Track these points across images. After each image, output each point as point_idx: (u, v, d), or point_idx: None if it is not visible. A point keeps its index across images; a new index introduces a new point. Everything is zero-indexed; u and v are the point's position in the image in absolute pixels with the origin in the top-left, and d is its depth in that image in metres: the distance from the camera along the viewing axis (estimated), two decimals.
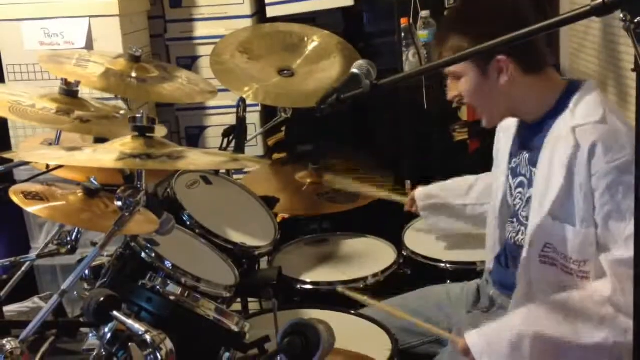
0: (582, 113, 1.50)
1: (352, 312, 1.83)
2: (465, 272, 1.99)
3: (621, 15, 0.95)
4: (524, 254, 1.56)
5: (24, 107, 1.65)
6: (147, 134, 1.35)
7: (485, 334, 1.47)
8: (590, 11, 0.98)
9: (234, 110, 2.27)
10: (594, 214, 1.44)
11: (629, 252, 1.36)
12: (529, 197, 1.59)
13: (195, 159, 1.41)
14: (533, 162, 1.58)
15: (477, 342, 1.46)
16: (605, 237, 1.44)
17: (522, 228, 1.61)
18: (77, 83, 1.78)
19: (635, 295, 1.02)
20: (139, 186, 1.34)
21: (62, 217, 1.48)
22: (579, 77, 1.61)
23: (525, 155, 1.63)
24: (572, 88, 1.56)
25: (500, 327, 1.49)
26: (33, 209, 1.39)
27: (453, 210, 2.06)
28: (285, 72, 2.33)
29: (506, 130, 1.73)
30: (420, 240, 2.21)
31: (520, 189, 1.65)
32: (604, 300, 1.41)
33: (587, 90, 1.54)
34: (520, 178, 1.65)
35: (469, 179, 2.07)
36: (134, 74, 1.97)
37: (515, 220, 1.66)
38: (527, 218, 1.59)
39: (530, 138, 1.61)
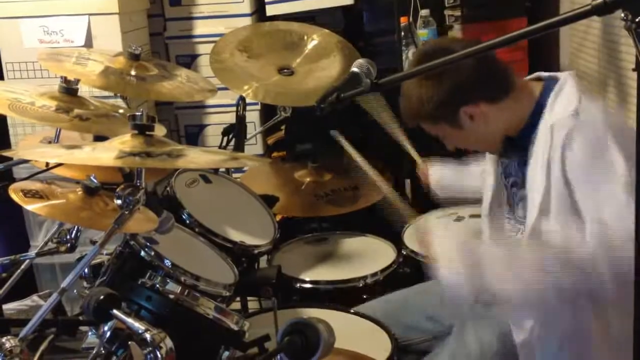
0: (559, 108, 1.51)
1: (352, 311, 1.83)
2: None
3: (622, 15, 0.95)
4: None
5: (23, 105, 1.65)
6: (147, 132, 1.35)
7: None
8: (591, 10, 0.98)
9: (234, 108, 2.27)
10: (578, 205, 1.43)
11: (598, 215, 1.37)
12: (523, 197, 1.59)
13: (194, 158, 1.41)
14: (523, 164, 1.58)
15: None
16: (589, 212, 1.41)
17: (521, 227, 1.62)
18: (77, 81, 1.78)
19: (635, 297, 1.02)
20: (138, 184, 1.33)
21: (61, 215, 1.48)
22: (554, 75, 1.60)
23: (515, 158, 1.63)
24: (547, 87, 1.55)
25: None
26: (32, 207, 1.39)
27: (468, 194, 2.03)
28: (285, 70, 2.33)
29: None
30: None
31: (514, 189, 1.66)
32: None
33: (563, 83, 1.54)
34: (513, 178, 1.66)
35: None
36: (133, 72, 1.97)
37: (512, 218, 1.67)
38: (523, 217, 1.60)
39: (517, 141, 1.61)
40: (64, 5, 2.49)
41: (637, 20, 0.93)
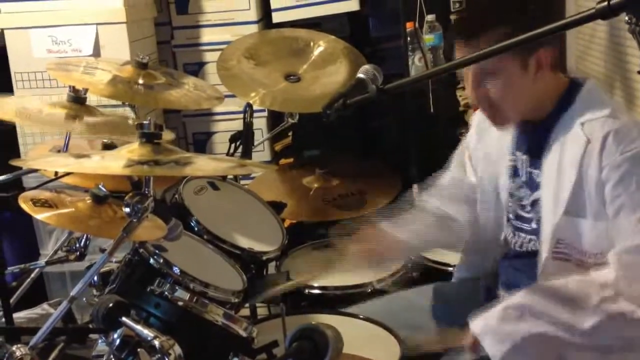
0: (589, 109, 1.49)
1: (361, 316, 1.82)
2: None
3: (626, 18, 0.95)
4: (540, 256, 1.54)
5: (33, 113, 1.66)
6: (155, 141, 1.36)
7: (485, 317, 1.44)
8: (595, 14, 0.98)
9: (241, 115, 2.27)
10: (605, 207, 1.42)
11: (636, 241, 1.37)
12: (535, 200, 1.57)
13: (202, 165, 1.41)
14: (535, 165, 1.56)
15: (478, 324, 1.44)
16: (615, 229, 1.41)
17: (533, 235, 1.59)
18: (85, 90, 1.79)
19: None
20: (146, 192, 1.34)
21: (70, 224, 1.49)
22: (581, 75, 1.59)
23: (523, 157, 1.61)
24: (574, 86, 1.54)
25: (498, 309, 1.45)
26: (42, 216, 1.40)
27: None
28: (292, 77, 2.34)
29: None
30: None
31: (522, 190, 1.62)
32: (606, 284, 1.39)
33: (591, 88, 1.53)
34: (519, 178, 1.63)
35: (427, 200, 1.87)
36: (141, 81, 1.98)
37: (521, 223, 1.64)
38: (535, 221, 1.58)
39: (529, 138, 1.59)
40: (72, 15, 2.51)
41: None
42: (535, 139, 1.57)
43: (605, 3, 0.96)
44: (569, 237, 1.49)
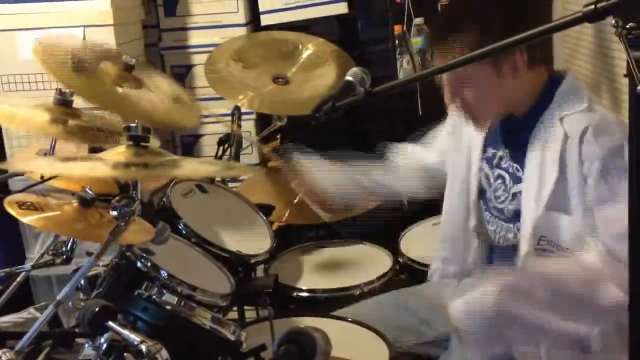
0: (568, 103, 1.50)
1: (349, 319, 1.82)
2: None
3: (613, 21, 0.95)
4: (520, 251, 1.55)
5: (18, 115, 1.65)
6: (142, 144, 1.35)
7: (465, 298, 1.44)
8: (582, 17, 0.98)
9: (229, 118, 2.27)
10: (587, 200, 1.43)
11: (623, 228, 1.36)
12: (516, 193, 1.57)
13: (190, 168, 1.41)
14: (518, 159, 1.57)
15: (459, 304, 1.44)
16: (598, 220, 1.42)
17: (512, 226, 1.60)
18: (72, 93, 1.78)
19: (630, 288, 1.02)
20: (133, 196, 1.33)
21: (56, 227, 1.48)
22: (559, 70, 1.59)
23: (506, 151, 1.61)
24: (554, 80, 1.55)
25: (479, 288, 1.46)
26: (27, 219, 1.39)
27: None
28: (280, 80, 2.33)
29: None
30: (417, 246, 2.21)
31: (500, 181, 1.63)
32: (590, 268, 1.39)
33: (571, 81, 1.54)
34: (499, 171, 1.63)
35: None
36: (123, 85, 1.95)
37: (501, 214, 1.63)
38: (515, 213, 1.57)
39: (510, 132, 1.59)
40: (59, 17, 2.50)
41: (627, 26, 0.94)
42: (516, 134, 1.58)
43: (592, 6, 0.96)
44: (550, 233, 1.49)
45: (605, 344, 1.44)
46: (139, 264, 1.47)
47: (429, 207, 2.16)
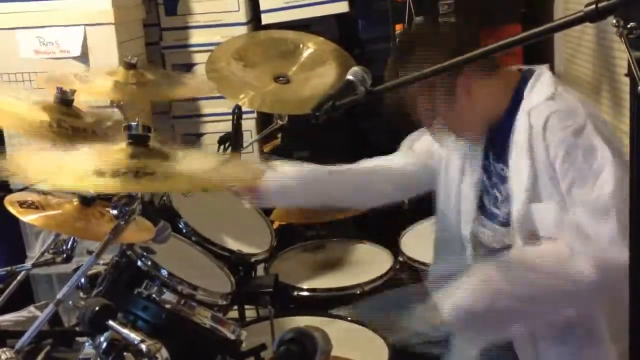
0: (535, 95, 1.52)
1: (350, 319, 1.82)
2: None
3: (614, 21, 0.95)
4: (514, 247, 1.56)
5: (19, 115, 1.65)
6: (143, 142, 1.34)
7: (449, 291, 1.49)
8: (583, 17, 0.98)
9: (230, 117, 2.27)
10: (558, 185, 1.44)
11: (593, 205, 1.39)
12: (508, 194, 1.58)
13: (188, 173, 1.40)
14: (503, 159, 1.57)
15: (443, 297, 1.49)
16: (570, 203, 1.44)
17: (508, 229, 1.59)
18: (73, 92, 1.78)
19: (630, 288, 1.02)
20: (134, 194, 1.33)
21: (57, 226, 1.48)
22: (531, 67, 1.61)
23: (490, 154, 1.62)
24: (525, 77, 1.56)
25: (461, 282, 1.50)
26: (28, 218, 1.39)
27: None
28: (281, 79, 2.33)
29: None
30: (417, 246, 2.21)
31: (493, 185, 1.63)
32: (560, 247, 1.43)
33: (539, 74, 1.56)
34: (492, 174, 1.63)
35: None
36: (133, 80, 1.96)
37: (496, 219, 1.63)
38: (509, 216, 1.58)
39: (494, 135, 1.60)
40: (59, 15, 2.49)
41: (628, 26, 0.94)
42: (496, 135, 1.59)
43: (594, 6, 0.96)
44: (536, 224, 1.50)
45: (591, 330, 1.47)
46: (139, 263, 1.48)
47: (430, 206, 2.16)
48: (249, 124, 2.77)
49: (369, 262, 2.23)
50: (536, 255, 1.48)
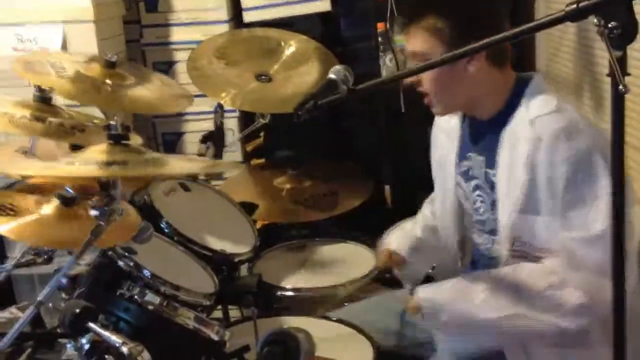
0: (537, 105, 1.50)
1: (334, 318, 1.82)
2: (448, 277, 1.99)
3: (595, 21, 0.96)
4: (500, 257, 1.57)
5: None
6: (123, 142, 1.34)
7: (434, 290, 1.56)
8: (564, 16, 0.99)
9: (212, 116, 2.25)
10: (556, 202, 1.44)
11: (587, 233, 1.41)
12: (495, 200, 1.57)
13: (173, 166, 1.39)
14: (491, 164, 1.56)
15: (425, 293, 1.56)
16: (566, 222, 1.44)
17: (496, 238, 1.60)
18: (51, 89, 1.76)
19: (615, 290, 1.03)
20: (114, 195, 1.32)
21: (31, 235, 1.43)
22: (526, 73, 1.60)
23: (478, 158, 1.60)
24: (521, 82, 1.55)
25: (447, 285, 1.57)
26: (1, 229, 1.36)
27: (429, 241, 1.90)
28: (263, 77, 2.32)
29: (449, 132, 1.69)
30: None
31: (478, 192, 1.62)
32: (553, 270, 1.46)
33: (538, 82, 1.55)
34: (475, 181, 1.62)
35: (423, 210, 1.94)
36: (108, 81, 1.94)
37: (483, 226, 1.64)
38: (496, 223, 1.58)
39: (482, 138, 1.59)
40: (38, 13, 2.46)
41: (609, 25, 0.94)
42: (487, 139, 1.58)
43: (574, 5, 0.96)
44: (525, 235, 1.51)
45: (582, 338, 1.47)
46: (121, 263, 1.46)
47: (412, 205, 2.16)
48: (231, 123, 2.75)
49: (352, 262, 2.23)
50: (527, 274, 1.49)
